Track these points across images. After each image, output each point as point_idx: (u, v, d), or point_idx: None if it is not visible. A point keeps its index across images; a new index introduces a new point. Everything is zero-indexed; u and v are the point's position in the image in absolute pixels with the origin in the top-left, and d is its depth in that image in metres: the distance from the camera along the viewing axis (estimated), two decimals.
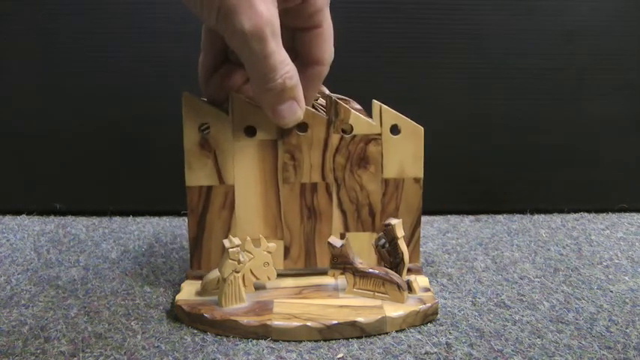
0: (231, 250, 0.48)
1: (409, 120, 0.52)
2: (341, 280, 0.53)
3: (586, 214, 0.75)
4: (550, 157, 0.74)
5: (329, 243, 0.50)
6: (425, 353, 0.45)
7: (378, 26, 0.70)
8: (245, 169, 0.51)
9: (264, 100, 0.46)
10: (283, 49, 0.44)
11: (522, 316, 0.50)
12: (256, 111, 0.50)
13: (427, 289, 0.51)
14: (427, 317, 0.49)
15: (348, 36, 0.70)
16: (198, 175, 0.51)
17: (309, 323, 0.46)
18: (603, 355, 0.44)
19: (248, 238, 0.50)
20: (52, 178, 0.74)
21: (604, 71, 0.72)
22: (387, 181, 0.53)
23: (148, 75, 0.71)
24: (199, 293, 0.51)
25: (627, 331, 0.47)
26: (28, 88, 0.72)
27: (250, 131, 0.51)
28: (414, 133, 0.52)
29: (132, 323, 0.49)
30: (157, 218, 0.75)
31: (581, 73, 0.72)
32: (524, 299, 0.53)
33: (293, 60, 0.45)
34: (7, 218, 0.74)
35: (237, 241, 0.48)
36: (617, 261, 0.61)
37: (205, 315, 0.47)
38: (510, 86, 0.72)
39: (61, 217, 0.75)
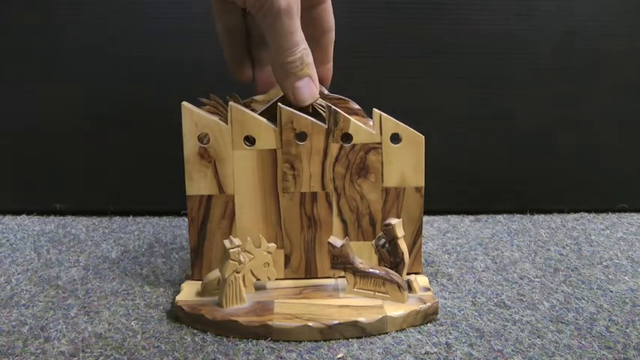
0: (231, 250, 0.48)
1: (410, 128, 0.52)
2: (341, 280, 0.53)
3: (586, 214, 0.75)
4: (550, 157, 0.74)
5: (329, 243, 0.50)
6: (425, 353, 0.45)
7: (378, 26, 0.70)
8: (245, 179, 0.51)
9: (285, 76, 0.50)
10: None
11: (522, 316, 0.50)
12: (256, 120, 0.50)
13: (427, 289, 0.51)
14: (427, 317, 0.49)
15: (350, 36, 0.70)
16: (198, 185, 0.51)
17: (310, 323, 0.46)
18: (603, 355, 0.44)
19: (248, 238, 0.50)
20: (52, 178, 0.74)
21: (604, 71, 0.72)
22: (388, 190, 0.53)
23: (149, 75, 0.71)
24: (200, 294, 0.51)
25: (627, 331, 0.47)
26: (28, 88, 0.72)
27: (250, 141, 0.51)
28: (414, 142, 0.52)
29: (132, 323, 0.49)
30: (157, 218, 0.75)
31: (581, 73, 0.72)
32: (524, 299, 0.53)
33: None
34: (7, 218, 0.74)
35: (237, 241, 0.48)
36: (617, 261, 0.61)
37: (206, 316, 0.47)
38: (510, 86, 0.72)
39: (61, 217, 0.75)
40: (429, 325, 0.49)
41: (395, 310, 0.48)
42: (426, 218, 0.74)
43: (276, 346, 0.46)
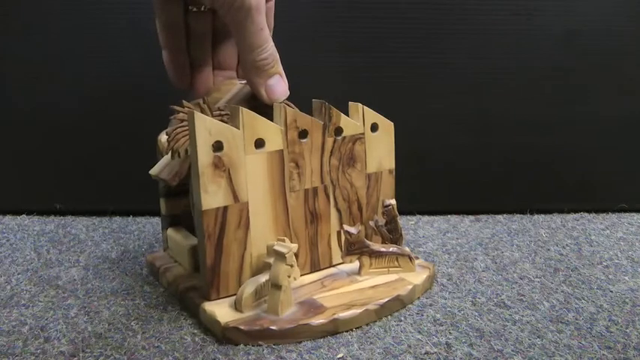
0: (287, 254, 0.47)
1: (382, 117, 0.56)
2: (343, 266, 0.55)
3: (586, 214, 0.75)
4: (550, 157, 0.74)
5: (346, 231, 0.52)
6: (425, 353, 0.45)
7: (376, 26, 0.70)
8: (256, 184, 0.50)
9: (257, 75, 0.50)
10: None
11: (522, 316, 0.50)
12: (264, 122, 0.50)
13: (417, 257, 0.57)
14: (432, 280, 0.55)
15: (350, 36, 0.70)
16: (214, 198, 0.48)
17: (367, 307, 0.48)
18: (603, 355, 0.44)
19: (271, 242, 0.49)
20: (52, 178, 0.74)
21: (604, 71, 0.72)
22: (370, 176, 0.57)
23: (149, 74, 0.71)
24: (238, 310, 0.48)
25: (627, 331, 0.47)
26: (27, 88, 0.72)
27: (259, 144, 0.50)
28: (387, 129, 0.57)
29: (132, 323, 0.49)
30: (157, 218, 0.75)
31: (581, 73, 0.72)
32: (524, 299, 0.53)
33: None
34: (7, 218, 0.74)
35: (289, 244, 0.48)
36: (617, 261, 0.61)
37: (272, 327, 0.46)
38: (510, 86, 0.72)
39: (61, 217, 0.75)
40: (429, 325, 0.49)
41: (415, 278, 0.53)
42: (426, 218, 0.74)
43: (276, 346, 0.46)
